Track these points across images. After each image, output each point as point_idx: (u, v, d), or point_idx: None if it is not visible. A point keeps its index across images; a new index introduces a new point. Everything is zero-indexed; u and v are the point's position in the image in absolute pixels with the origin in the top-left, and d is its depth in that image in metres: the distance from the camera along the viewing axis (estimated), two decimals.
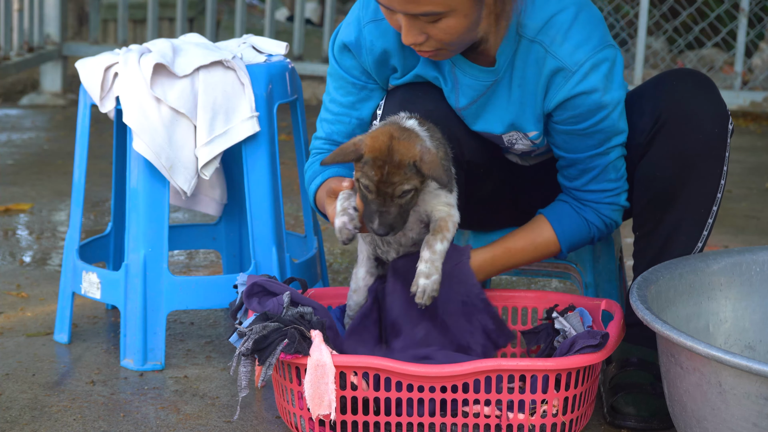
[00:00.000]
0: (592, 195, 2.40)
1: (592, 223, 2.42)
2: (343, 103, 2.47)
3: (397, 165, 2.16)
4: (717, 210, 2.39)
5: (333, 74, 2.48)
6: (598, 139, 2.33)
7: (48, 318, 2.98)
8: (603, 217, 2.42)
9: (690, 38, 7.00)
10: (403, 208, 2.21)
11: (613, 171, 2.38)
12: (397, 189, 2.18)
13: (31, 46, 6.40)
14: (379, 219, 2.19)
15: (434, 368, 2.19)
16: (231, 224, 3.13)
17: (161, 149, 2.61)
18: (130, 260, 2.67)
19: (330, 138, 2.50)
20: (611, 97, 2.29)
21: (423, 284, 2.26)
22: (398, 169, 2.16)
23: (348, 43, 2.42)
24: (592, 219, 2.42)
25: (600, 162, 2.36)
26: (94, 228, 3.90)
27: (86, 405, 2.45)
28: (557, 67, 2.28)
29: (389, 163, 2.16)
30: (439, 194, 2.30)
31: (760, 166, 5.18)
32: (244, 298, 2.38)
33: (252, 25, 7.66)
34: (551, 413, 2.22)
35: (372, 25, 2.38)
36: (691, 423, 1.98)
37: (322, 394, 2.16)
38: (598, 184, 2.38)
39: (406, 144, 2.18)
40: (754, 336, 2.37)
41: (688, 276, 2.29)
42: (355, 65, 2.43)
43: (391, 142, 2.17)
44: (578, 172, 2.39)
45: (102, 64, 2.67)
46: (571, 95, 2.28)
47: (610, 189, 2.39)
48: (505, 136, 2.41)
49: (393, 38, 2.37)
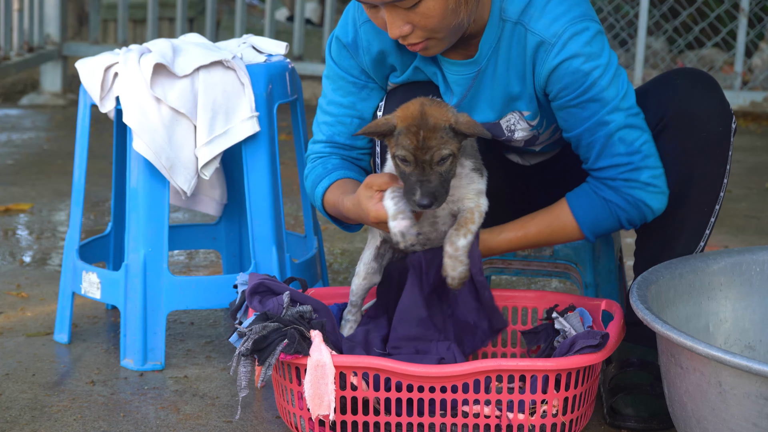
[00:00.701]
0: (606, 172, 2.33)
1: (611, 202, 2.33)
2: (343, 103, 2.47)
3: (433, 129, 2.13)
4: (719, 209, 2.39)
5: (331, 76, 2.48)
6: (592, 109, 2.29)
7: (48, 318, 2.98)
8: (624, 196, 2.32)
9: (690, 38, 7.00)
10: (444, 177, 2.15)
11: (621, 144, 2.30)
12: (435, 154, 2.13)
13: (31, 46, 6.40)
14: (421, 189, 2.13)
15: (434, 368, 2.19)
16: (231, 224, 3.13)
17: (161, 149, 2.61)
18: (130, 260, 2.67)
19: (332, 140, 2.49)
20: (595, 63, 2.26)
21: (451, 276, 2.24)
22: (434, 132, 2.12)
23: (345, 44, 2.42)
24: (612, 197, 2.33)
25: (600, 133, 2.30)
26: (94, 228, 3.90)
27: (86, 405, 2.45)
28: (538, 42, 2.27)
29: (424, 128, 2.12)
30: (472, 178, 2.26)
31: (760, 166, 5.18)
32: (247, 295, 2.38)
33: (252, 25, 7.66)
34: (551, 413, 2.22)
35: (368, 24, 2.39)
36: (691, 423, 1.98)
37: (321, 395, 2.16)
38: (607, 159, 2.31)
39: (438, 108, 2.16)
40: (754, 336, 2.37)
41: (688, 276, 2.29)
42: (353, 65, 2.44)
43: (422, 108, 2.14)
44: (585, 150, 2.34)
45: (102, 64, 2.67)
46: (554, 66, 2.27)
47: (623, 164, 2.31)
48: (503, 122, 2.40)
49: (389, 36, 2.38)
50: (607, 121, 2.29)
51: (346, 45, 2.42)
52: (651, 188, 2.32)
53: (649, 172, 2.31)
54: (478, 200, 2.27)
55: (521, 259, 2.71)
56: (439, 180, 2.14)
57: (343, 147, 2.49)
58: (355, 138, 2.47)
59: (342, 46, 2.43)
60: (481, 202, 2.27)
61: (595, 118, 2.29)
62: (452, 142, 2.15)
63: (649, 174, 2.32)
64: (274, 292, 2.39)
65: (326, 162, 2.49)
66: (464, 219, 2.25)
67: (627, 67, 6.89)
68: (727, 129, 2.34)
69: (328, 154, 2.49)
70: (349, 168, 2.47)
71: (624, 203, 2.33)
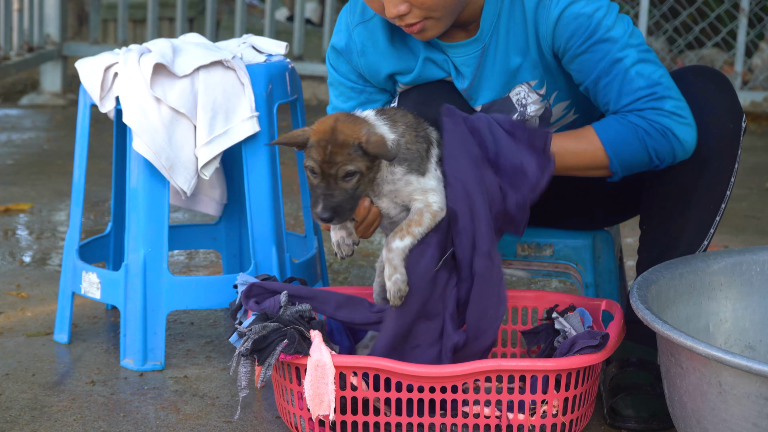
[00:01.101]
0: (630, 105, 2.29)
1: (638, 126, 2.28)
2: (346, 108, 2.48)
3: (341, 145, 2.15)
4: (725, 208, 2.39)
5: (333, 82, 2.51)
6: (603, 50, 2.28)
7: (48, 318, 2.98)
8: (651, 122, 2.27)
9: (690, 38, 7.00)
10: (350, 194, 2.17)
11: (639, 78, 2.27)
12: (340, 170, 2.16)
13: (31, 46, 6.40)
14: (323, 202, 2.17)
15: (434, 368, 2.19)
16: (231, 224, 3.13)
17: (161, 149, 2.61)
18: (130, 260, 2.67)
19: None
20: (596, 5, 2.28)
21: (388, 287, 2.24)
22: (341, 148, 2.15)
23: (340, 49, 2.45)
24: (638, 122, 2.28)
25: (617, 71, 2.28)
26: (94, 228, 3.90)
27: (86, 405, 2.45)
28: (536, 2, 2.30)
29: (332, 144, 2.16)
30: (410, 180, 2.25)
31: (760, 166, 5.18)
32: (242, 299, 2.38)
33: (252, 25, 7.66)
34: (551, 413, 2.22)
35: (361, 27, 2.42)
36: (691, 423, 1.98)
37: (322, 395, 2.16)
38: (629, 95, 2.29)
39: (351, 126, 2.17)
40: (754, 336, 2.37)
41: (688, 276, 2.29)
42: (350, 69, 2.46)
43: (335, 123, 2.17)
44: (604, 94, 2.31)
45: (102, 64, 2.67)
46: (556, 17, 2.28)
47: (645, 95, 2.28)
48: (513, 96, 2.41)
49: (382, 36, 2.39)
50: (621, 58, 2.28)
51: (341, 51, 2.45)
52: (677, 117, 2.28)
53: (672, 102, 2.28)
54: (426, 198, 2.25)
55: (521, 259, 2.71)
56: (343, 196, 2.17)
57: None
58: None
59: (338, 52, 2.46)
60: (431, 199, 2.25)
61: (608, 57, 2.28)
62: (360, 160, 2.17)
63: (673, 104, 2.28)
64: (270, 292, 2.39)
65: None
66: (408, 221, 2.25)
67: None
68: (738, 127, 2.35)
69: None
70: None
71: (651, 129, 2.28)
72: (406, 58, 2.42)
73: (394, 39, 2.41)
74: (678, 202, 2.36)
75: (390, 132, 2.23)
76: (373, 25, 2.41)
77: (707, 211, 2.38)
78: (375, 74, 2.44)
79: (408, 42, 2.41)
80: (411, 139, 2.26)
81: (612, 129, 2.29)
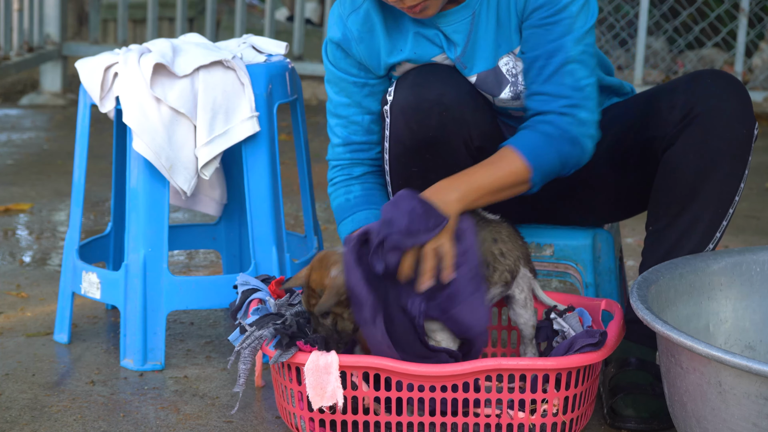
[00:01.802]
0: (548, 103, 2.35)
1: (551, 136, 2.33)
2: (349, 103, 2.48)
3: (312, 290, 2.27)
4: (732, 213, 2.39)
5: (331, 80, 2.50)
6: (556, 32, 2.34)
7: (48, 318, 2.98)
8: (563, 131, 2.34)
9: (690, 38, 7.00)
10: (333, 329, 2.27)
11: (569, 76, 2.34)
12: (315, 310, 2.25)
13: (31, 46, 6.40)
14: (317, 335, 2.29)
15: (434, 368, 2.19)
16: (231, 224, 3.13)
17: (161, 149, 2.61)
18: (130, 260, 2.67)
19: (348, 141, 2.51)
20: None
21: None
22: (313, 292, 2.27)
23: (338, 41, 2.45)
24: (551, 131, 2.34)
25: (556, 59, 2.34)
26: (94, 228, 3.90)
27: (86, 405, 2.45)
28: None
29: (306, 288, 2.29)
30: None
31: (760, 166, 5.17)
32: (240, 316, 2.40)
33: (252, 25, 7.66)
34: (551, 413, 2.22)
35: (354, 15, 2.43)
36: (691, 423, 1.98)
37: (324, 384, 2.16)
38: (553, 86, 2.35)
39: (320, 273, 2.26)
40: (754, 336, 2.37)
41: (688, 276, 2.29)
42: (351, 63, 2.46)
43: (310, 271, 2.28)
44: (536, 72, 2.36)
45: (102, 64, 2.67)
46: None
47: (564, 96, 2.34)
48: (502, 67, 2.42)
49: (378, 19, 2.42)
50: (566, 49, 2.35)
51: (339, 43, 2.45)
52: (585, 128, 2.36)
53: (586, 112, 2.36)
54: (436, 338, 2.30)
55: None
56: (327, 332, 2.27)
57: (361, 148, 2.51)
58: (371, 134, 2.48)
59: (336, 46, 2.46)
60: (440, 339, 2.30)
61: (557, 43, 2.34)
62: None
63: (586, 114, 2.36)
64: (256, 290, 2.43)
65: (349, 183, 2.52)
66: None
67: (627, 67, 6.90)
68: (750, 133, 2.37)
69: (349, 161, 2.51)
70: (370, 200, 2.49)
71: (563, 137, 2.35)
72: (401, 38, 2.43)
73: (387, 21, 2.43)
74: (686, 203, 2.37)
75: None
76: (365, 11, 2.42)
77: (716, 215, 2.38)
78: (375, 59, 2.44)
79: (400, 21, 2.43)
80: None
81: (530, 142, 2.34)
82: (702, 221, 2.37)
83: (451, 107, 2.35)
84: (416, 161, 2.41)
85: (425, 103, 2.35)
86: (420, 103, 2.36)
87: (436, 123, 2.36)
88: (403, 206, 2.23)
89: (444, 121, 2.36)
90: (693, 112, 2.35)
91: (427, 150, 2.39)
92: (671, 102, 2.38)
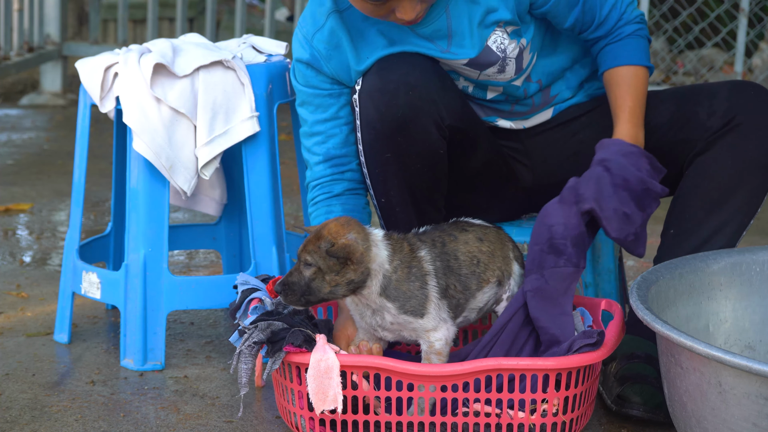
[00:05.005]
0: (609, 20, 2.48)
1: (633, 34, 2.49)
2: (326, 117, 2.50)
3: (316, 237, 2.21)
4: (751, 224, 2.45)
5: (306, 101, 2.52)
6: None
7: (48, 318, 2.98)
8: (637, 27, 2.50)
9: (690, 38, 7.00)
10: (305, 282, 2.21)
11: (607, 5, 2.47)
12: (303, 255, 2.21)
13: (31, 46, 6.40)
14: (284, 277, 2.24)
15: (434, 367, 2.19)
16: (231, 224, 3.13)
17: (161, 149, 2.61)
18: (130, 260, 2.67)
19: (328, 155, 2.51)
20: None
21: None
22: (315, 240, 2.21)
23: (307, 61, 2.48)
24: (630, 30, 2.49)
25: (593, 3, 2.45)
26: (94, 228, 3.90)
27: (86, 405, 2.45)
28: None
29: (312, 234, 2.23)
30: (406, 320, 2.26)
31: None
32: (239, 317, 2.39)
33: (252, 25, 7.66)
34: (551, 412, 2.22)
35: (318, 34, 2.46)
36: (691, 423, 1.98)
37: (326, 389, 2.16)
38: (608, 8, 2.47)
39: (340, 228, 2.22)
40: (754, 336, 2.37)
41: (688, 276, 2.29)
42: (323, 79, 2.49)
43: (334, 221, 2.24)
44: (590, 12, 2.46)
45: (102, 64, 2.67)
46: None
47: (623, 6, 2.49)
48: (491, 44, 2.44)
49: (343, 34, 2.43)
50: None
51: (309, 62, 2.48)
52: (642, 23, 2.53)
53: (637, 11, 2.52)
54: (428, 338, 2.29)
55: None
56: (298, 279, 2.21)
57: (341, 162, 2.51)
58: (349, 145, 2.50)
59: (305, 65, 2.49)
60: (433, 340, 2.28)
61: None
62: (321, 257, 2.19)
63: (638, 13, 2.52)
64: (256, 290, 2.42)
65: (329, 204, 2.51)
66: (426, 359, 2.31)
67: None
68: None
69: (330, 177, 2.52)
70: (352, 209, 2.50)
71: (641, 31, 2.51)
72: (366, 47, 2.44)
73: (351, 33, 2.44)
74: (714, 209, 2.42)
75: (386, 261, 2.24)
76: (329, 29, 2.44)
77: (741, 224, 2.44)
78: (346, 72, 2.46)
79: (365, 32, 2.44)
80: (403, 276, 2.25)
81: (626, 50, 2.47)
82: (729, 227, 2.42)
83: (418, 86, 2.35)
84: (389, 145, 2.40)
85: (391, 84, 2.35)
86: (385, 85, 2.36)
87: (403, 102, 2.35)
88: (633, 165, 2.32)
89: (411, 100, 2.35)
90: (734, 121, 2.39)
91: (399, 132, 2.38)
92: (711, 108, 2.42)
